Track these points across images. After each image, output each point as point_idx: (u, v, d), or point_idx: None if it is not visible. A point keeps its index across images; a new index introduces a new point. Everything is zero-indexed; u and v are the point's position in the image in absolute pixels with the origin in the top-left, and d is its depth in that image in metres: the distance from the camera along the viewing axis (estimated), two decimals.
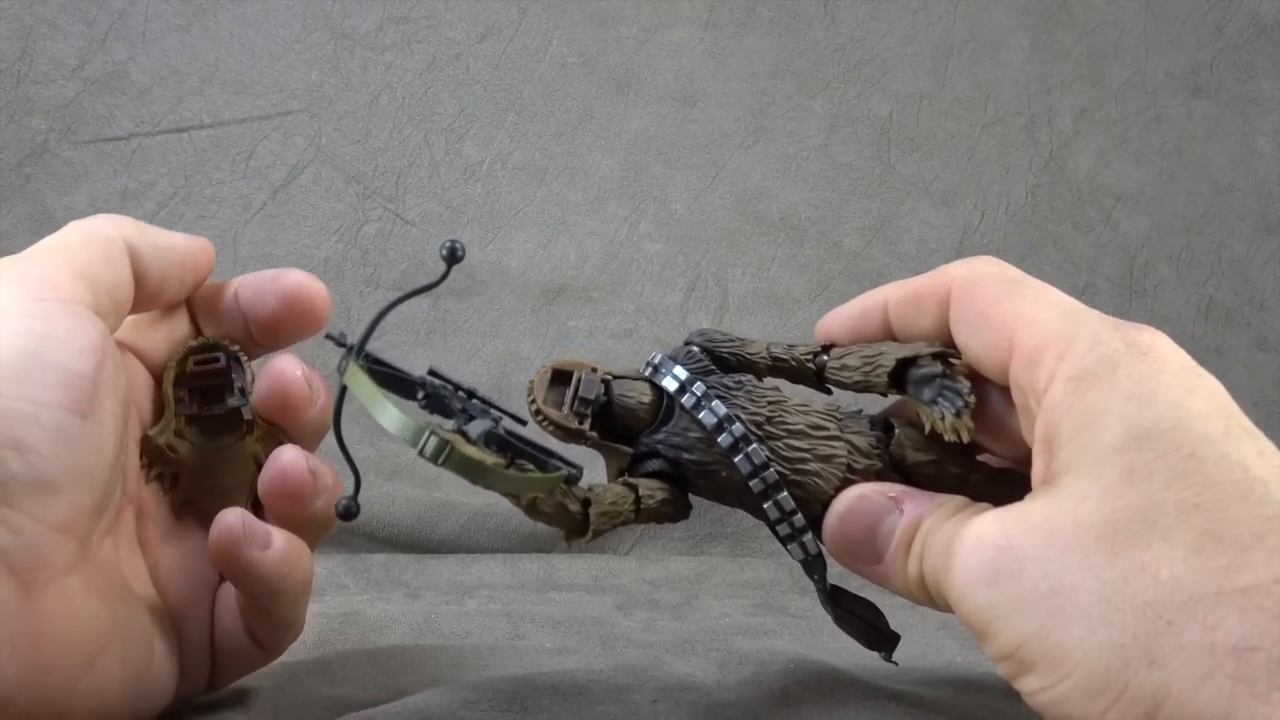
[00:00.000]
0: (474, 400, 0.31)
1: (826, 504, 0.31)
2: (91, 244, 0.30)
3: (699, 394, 0.31)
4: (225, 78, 0.70)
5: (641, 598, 0.54)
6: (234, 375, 0.34)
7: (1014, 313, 0.27)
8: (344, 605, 0.50)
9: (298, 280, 0.33)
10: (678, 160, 0.74)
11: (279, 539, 0.31)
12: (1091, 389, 0.25)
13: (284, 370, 0.33)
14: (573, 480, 0.30)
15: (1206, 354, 0.75)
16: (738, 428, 0.31)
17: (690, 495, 0.33)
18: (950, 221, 0.73)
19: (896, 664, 0.33)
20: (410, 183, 0.72)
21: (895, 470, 0.31)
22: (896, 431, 0.31)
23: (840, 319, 0.33)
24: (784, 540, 0.32)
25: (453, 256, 0.28)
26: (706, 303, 0.72)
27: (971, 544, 0.25)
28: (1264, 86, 0.78)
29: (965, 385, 0.29)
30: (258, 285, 0.34)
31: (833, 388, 0.33)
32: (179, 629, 0.32)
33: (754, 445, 0.30)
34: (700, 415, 0.31)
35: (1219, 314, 0.75)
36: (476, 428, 0.29)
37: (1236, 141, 0.77)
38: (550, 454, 0.30)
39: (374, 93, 0.72)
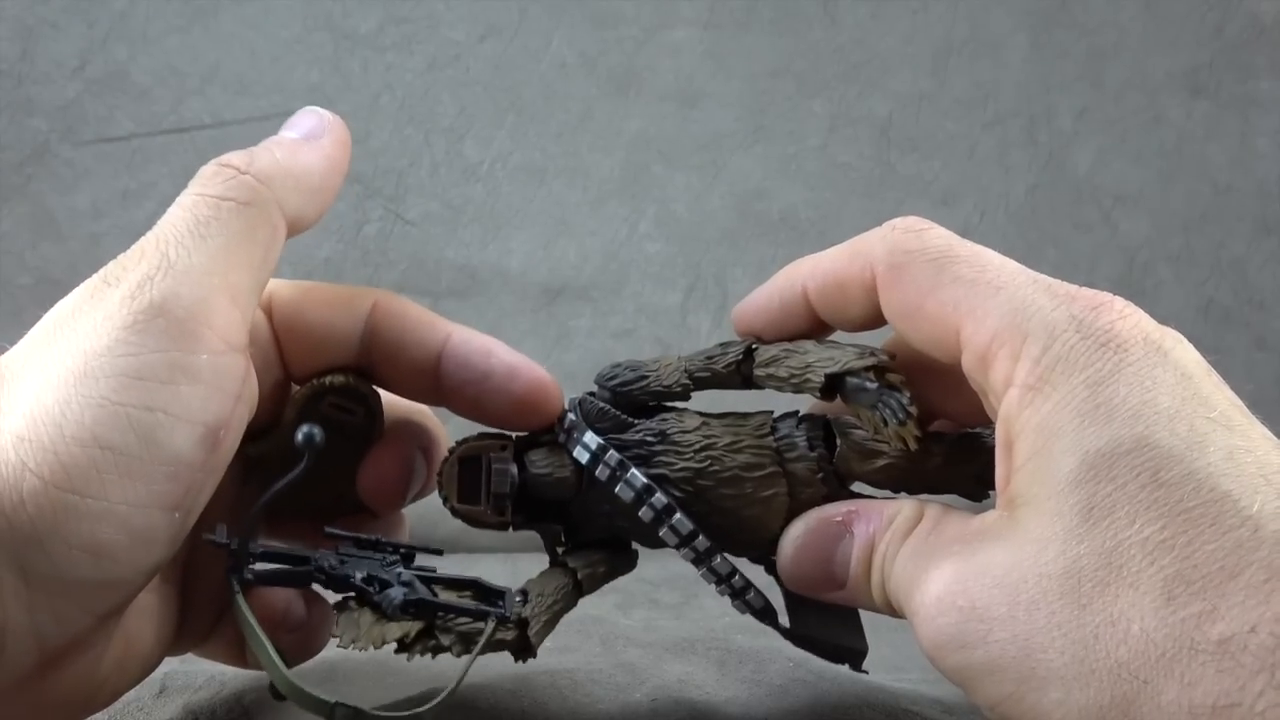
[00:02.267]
0: (379, 552, 0.29)
1: (774, 539, 0.29)
2: (252, 232, 0.26)
3: (613, 465, 0.29)
4: (226, 78, 0.70)
5: (641, 597, 0.54)
6: (364, 434, 0.31)
7: (952, 302, 0.25)
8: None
9: (533, 383, 0.29)
10: (678, 160, 0.74)
11: None
12: (1047, 401, 0.23)
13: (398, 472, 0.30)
14: (503, 621, 0.28)
15: (1206, 354, 0.75)
16: (658, 499, 0.29)
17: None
18: (950, 221, 0.72)
19: (866, 673, 0.32)
20: (411, 183, 0.72)
21: (844, 485, 0.29)
22: (839, 445, 0.29)
23: (759, 311, 0.30)
24: (729, 598, 0.30)
25: (310, 444, 0.26)
26: (706, 303, 0.72)
27: (933, 605, 0.23)
28: (1263, 86, 0.78)
29: (905, 397, 0.27)
30: (470, 364, 0.29)
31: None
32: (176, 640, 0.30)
33: (678, 516, 0.29)
34: (617, 489, 0.29)
35: (1218, 314, 0.75)
36: (390, 599, 0.27)
37: (1236, 141, 0.77)
38: (471, 585, 0.29)
39: (374, 93, 0.72)
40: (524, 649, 0.29)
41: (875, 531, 0.27)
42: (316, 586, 0.29)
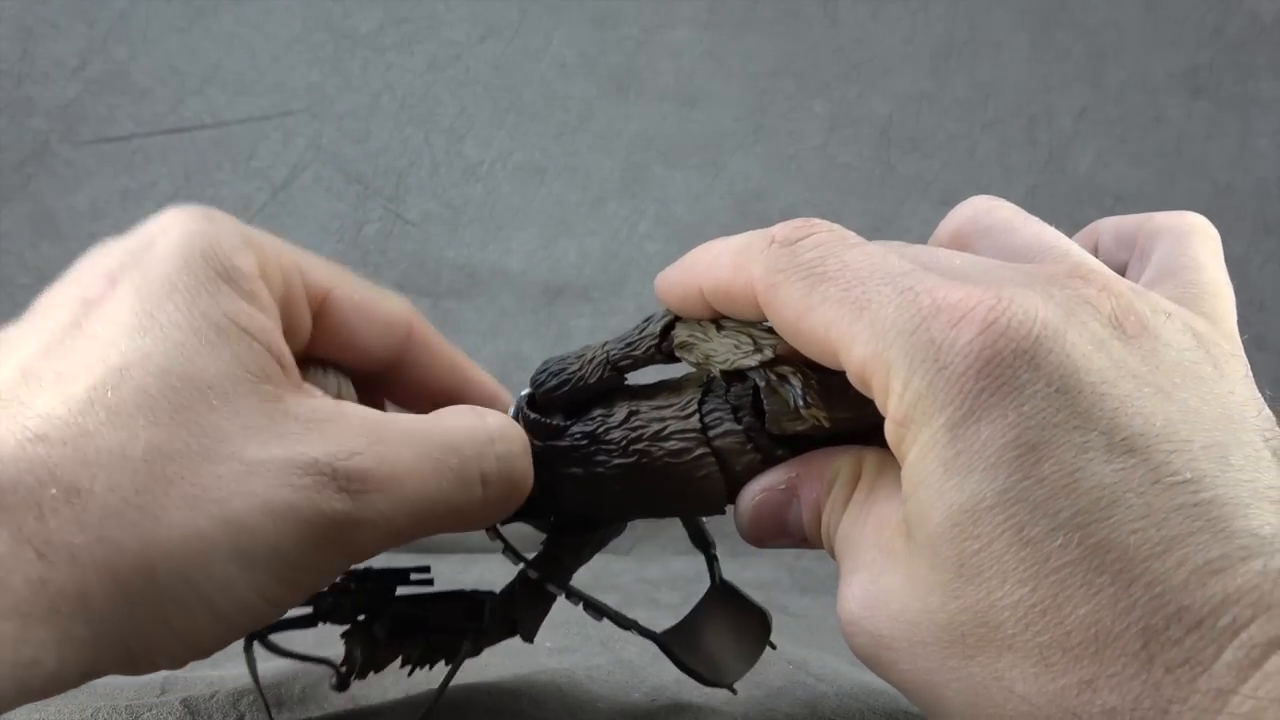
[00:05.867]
0: (368, 583, 0.31)
1: (723, 503, 0.30)
2: None
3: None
4: (226, 78, 0.70)
5: (641, 597, 0.54)
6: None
7: (823, 326, 0.24)
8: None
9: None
10: (678, 160, 0.74)
11: None
12: (914, 444, 0.21)
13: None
14: (481, 635, 0.31)
15: None
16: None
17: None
18: None
19: (774, 646, 0.33)
20: (411, 183, 0.72)
21: (780, 445, 0.29)
22: (768, 410, 0.29)
23: (667, 293, 0.30)
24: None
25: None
26: None
27: (849, 625, 0.23)
28: (1264, 86, 0.78)
29: (795, 388, 0.26)
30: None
31: None
32: None
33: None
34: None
35: None
36: (382, 628, 0.30)
37: (1236, 141, 0.77)
38: (457, 596, 0.32)
39: (374, 93, 0.72)
40: (526, 636, 0.32)
41: (818, 498, 0.27)
42: None
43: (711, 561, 0.33)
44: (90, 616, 0.21)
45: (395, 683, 0.36)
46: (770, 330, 0.28)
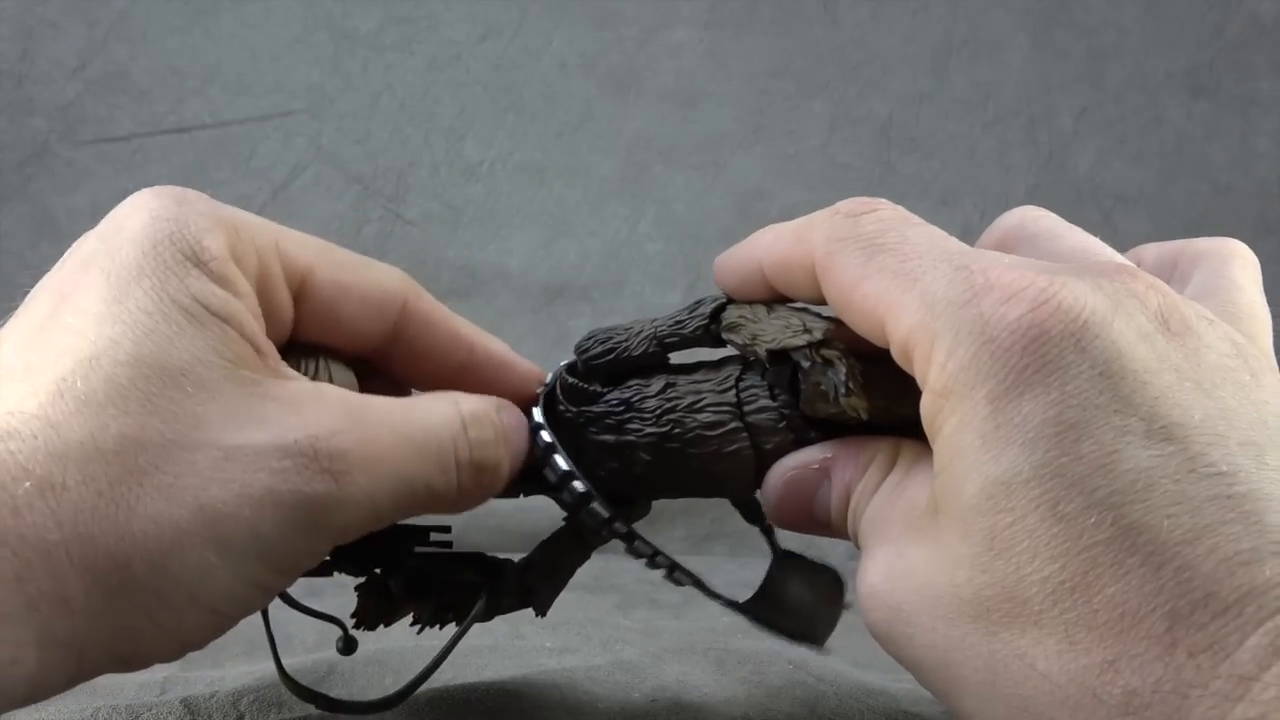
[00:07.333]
0: (387, 538, 0.30)
1: (751, 486, 0.30)
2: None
3: (542, 447, 0.30)
4: (226, 78, 0.70)
5: (641, 597, 0.54)
6: None
7: (875, 295, 0.24)
8: (346, 606, 0.50)
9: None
10: (678, 160, 0.74)
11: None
12: (953, 415, 0.22)
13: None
14: (495, 596, 0.31)
15: None
16: (577, 485, 0.30)
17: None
18: (950, 221, 0.73)
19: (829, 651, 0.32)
20: (411, 183, 0.72)
21: (814, 427, 0.29)
22: (803, 390, 0.29)
23: (727, 275, 0.30)
24: (663, 573, 0.31)
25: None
26: None
27: (868, 598, 0.24)
28: (1263, 86, 0.78)
29: (840, 373, 0.27)
30: (492, 381, 0.32)
31: None
32: None
33: (593, 504, 0.30)
34: (544, 472, 0.30)
35: None
36: (398, 583, 0.30)
37: (1236, 141, 0.77)
38: (475, 559, 0.31)
39: (374, 93, 0.72)
40: (538, 609, 0.32)
41: (851, 481, 0.27)
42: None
43: (768, 534, 0.33)
44: (71, 616, 0.21)
45: (394, 685, 0.36)
46: (821, 317, 0.28)
